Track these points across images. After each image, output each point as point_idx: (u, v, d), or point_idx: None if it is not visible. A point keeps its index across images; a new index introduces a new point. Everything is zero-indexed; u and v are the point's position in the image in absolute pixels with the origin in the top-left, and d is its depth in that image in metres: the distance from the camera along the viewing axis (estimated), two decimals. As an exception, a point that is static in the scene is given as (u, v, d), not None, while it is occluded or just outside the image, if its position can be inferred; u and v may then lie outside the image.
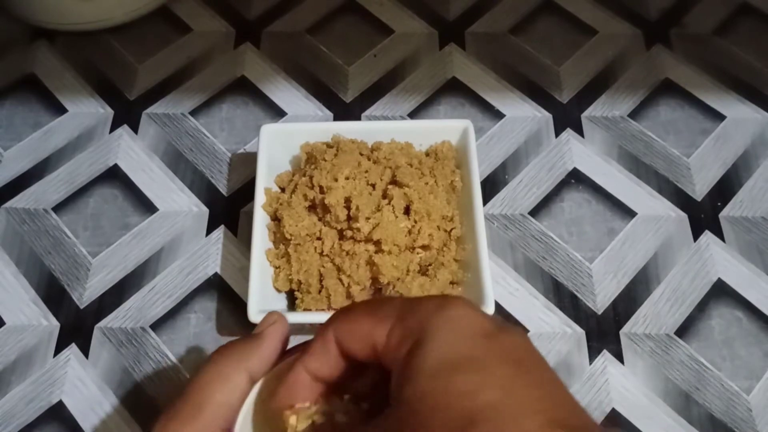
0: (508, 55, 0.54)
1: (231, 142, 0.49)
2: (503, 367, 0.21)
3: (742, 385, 0.40)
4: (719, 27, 0.55)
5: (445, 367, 0.20)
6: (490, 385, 0.20)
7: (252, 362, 0.26)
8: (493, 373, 0.20)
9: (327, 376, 0.25)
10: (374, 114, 0.50)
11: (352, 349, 0.24)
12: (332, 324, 0.24)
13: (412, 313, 0.23)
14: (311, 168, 0.41)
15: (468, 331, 0.22)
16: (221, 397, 0.25)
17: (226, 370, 0.25)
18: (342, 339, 0.24)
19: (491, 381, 0.20)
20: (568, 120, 0.50)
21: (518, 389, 0.20)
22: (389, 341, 0.22)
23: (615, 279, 0.43)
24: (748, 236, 0.45)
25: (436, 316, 0.22)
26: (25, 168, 0.48)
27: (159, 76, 0.53)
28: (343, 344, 0.24)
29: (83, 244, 0.45)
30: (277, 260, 0.40)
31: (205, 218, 0.46)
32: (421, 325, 0.22)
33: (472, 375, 0.20)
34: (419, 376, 0.21)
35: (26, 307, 0.42)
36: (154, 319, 0.42)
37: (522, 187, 0.47)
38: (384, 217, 0.38)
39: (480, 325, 0.22)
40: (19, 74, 0.53)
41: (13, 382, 0.40)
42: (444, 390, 0.20)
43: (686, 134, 0.49)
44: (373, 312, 0.24)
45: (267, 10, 0.56)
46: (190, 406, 0.24)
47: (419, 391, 0.20)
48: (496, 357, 0.21)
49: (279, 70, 0.53)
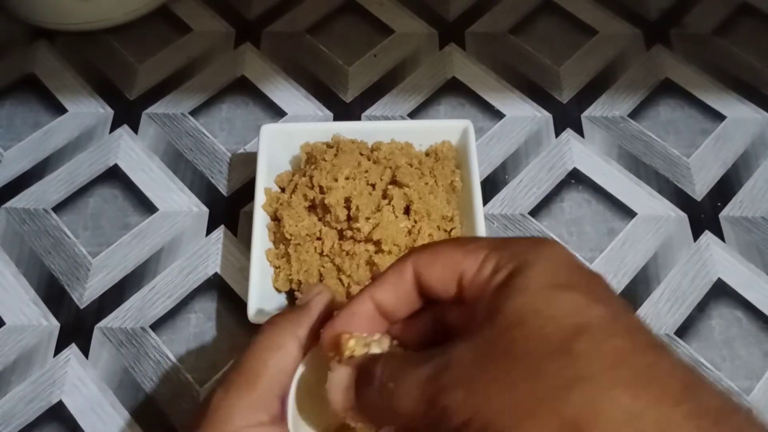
0: (508, 55, 0.54)
1: (231, 142, 0.49)
2: (608, 293, 0.21)
3: (742, 385, 0.40)
4: (719, 27, 0.55)
5: (550, 287, 0.20)
6: (597, 304, 0.20)
7: (302, 330, 0.26)
8: (600, 296, 0.20)
9: (391, 311, 0.24)
10: (374, 114, 0.50)
11: (433, 279, 0.23)
12: (412, 255, 0.24)
13: (506, 246, 0.22)
14: (311, 168, 0.41)
15: (567, 262, 0.22)
16: (275, 365, 0.25)
17: (278, 339, 0.25)
18: (424, 269, 0.23)
19: (598, 301, 0.20)
20: (568, 120, 0.50)
21: (625, 311, 0.20)
22: (482, 270, 0.22)
23: (615, 279, 0.43)
24: (748, 236, 0.45)
25: (535, 249, 0.22)
26: (25, 168, 0.48)
27: (159, 76, 0.53)
28: (423, 275, 0.23)
29: (83, 244, 0.45)
30: (277, 260, 0.40)
31: (205, 218, 0.46)
32: (519, 255, 0.22)
33: (579, 295, 0.20)
34: (521, 294, 0.20)
35: (26, 307, 0.42)
36: (154, 319, 0.42)
37: (522, 187, 0.47)
38: (384, 217, 0.38)
39: (576, 260, 0.22)
40: (19, 74, 0.53)
41: (13, 382, 0.40)
42: (549, 304, 0.20)
43: (686, 134, 0.49)
44: (462, 244, 0.23)
45: (267, 10, 0.56)
46: (247, 376, 0.25)
47: (520, 307, 0.20)
48: (599, 285, 0.21)
49: (279, 70, 0.53)
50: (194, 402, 0.39)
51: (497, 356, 0.19)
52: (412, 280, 0.24)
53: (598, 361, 0.18)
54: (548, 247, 0.22)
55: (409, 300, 0.24)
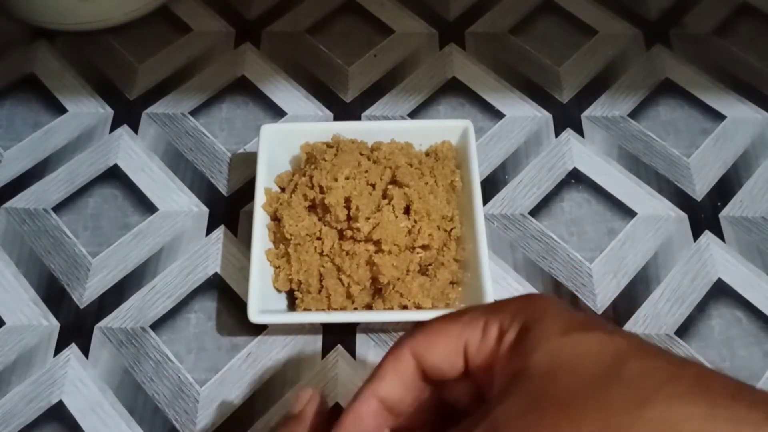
0: (508, 55, 0.54)
1: (231, 142, 0.49)
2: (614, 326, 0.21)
3: (742, 385, 0.40)
4: (719, 27, 0.55)
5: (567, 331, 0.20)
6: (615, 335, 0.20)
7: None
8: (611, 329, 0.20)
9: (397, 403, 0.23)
10: (374, 114, 0.50)
11: (437, 359, 0.22)
12: (407, 340, 0.23)
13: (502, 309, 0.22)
14: (311, 168, 0.41)
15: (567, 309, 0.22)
16: None
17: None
18: (425, 352, 0.23)
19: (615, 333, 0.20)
20: (568, 120, 0.50)
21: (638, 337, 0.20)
22: (486, 336, 0.22)
23: (615, 279, 0.43)
24: (748, 236, 0.45)
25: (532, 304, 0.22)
26: (25, 168, 0.48)
27: (159, 76, 0.53)
28: (425, 358, 0.23)
29: (83, 244, 0.45)
30: (277, 260, 0.40)
31: (205, 218, 0.46)
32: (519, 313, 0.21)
33: (597, 331, 0.20)
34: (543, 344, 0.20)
35: (26, 307, 0.42)
36: (154, 319, 0.42)
37: (522, 187, 0.47)
38: (384, 217, 0.38)
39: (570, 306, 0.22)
40: (19, 74, 0.53)
41: (13, 382, 0.40)
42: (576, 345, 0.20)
43: (686, 134, 0.49)
44: (456, 318, 0.23)
45: (267, 10, 0.56)
46: None
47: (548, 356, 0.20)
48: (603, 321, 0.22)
49: (279, 70, 0.53)
50: (194, 402, 0.39)
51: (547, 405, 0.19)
52: (413, 367, 0.23)
53: (650, 381, 0.18)
54: (544, 300, 0.22)
55: (413, 388, 0.23)
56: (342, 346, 0.41)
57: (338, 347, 0.41)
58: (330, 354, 0.41)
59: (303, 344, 0.41)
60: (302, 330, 0.41)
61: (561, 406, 0.18)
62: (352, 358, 0.40)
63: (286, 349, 0.41)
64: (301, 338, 0.41)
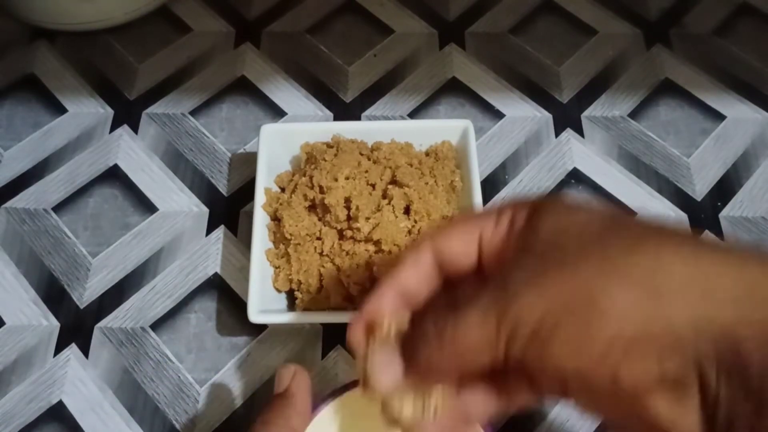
0: (508, 55, 0.54)
1: (231, 142, 0.49)
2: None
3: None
4: (719, 27, 0.55)
5: (574, 208, 0.22)
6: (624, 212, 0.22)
7: (293, 421, 0.27)
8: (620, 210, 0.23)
9: (413, 292, 0.25)
10: (374, 114, 0.50)
11: (453, 248, 0.24)
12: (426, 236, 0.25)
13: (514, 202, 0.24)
14: (311, 168, 0.41)
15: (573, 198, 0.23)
16: None
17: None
18: (442, 243, 0.24)
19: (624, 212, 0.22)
20: (568, 120, 0.50)
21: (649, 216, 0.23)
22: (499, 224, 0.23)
23: (615, 279, 0.43)
24: (748, 236, 0.45)
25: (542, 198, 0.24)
26: (25, 168, 0.48)
27: (159, 76, 0.53)
28: (443, 249, 0.24)
29: (83, 244, 0.45)
30: (277, 260, 0.40)
31: (205, 218, 0.46)
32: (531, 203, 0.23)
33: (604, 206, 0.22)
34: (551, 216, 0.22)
35: (26, 307, 0.42)
36: (154, 319, 0.42)
37: (522, 187, 0.47)
38: (384, 217, 0.38)
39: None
40: (19, 74, 0.53)
41: (13, 382, 0.40)
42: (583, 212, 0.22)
43: (686, 134, 0.49)
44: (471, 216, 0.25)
45: (267, 10, 0.56)
46: None
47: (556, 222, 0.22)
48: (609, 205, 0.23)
49: (279, 70, 0.53)
50: (194, 402, 0.39)
51: (552, 263, 0.21)
52: (431, 259, 0.25)
53: (643, 231, 0.21)
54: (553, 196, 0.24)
55: (429, 279, 0.25)
56: (342, 346, 0.41)
57: (338, 347, 0.41)
58: (330, 354, 0.41)
59: (303, 344, 0.41)
60: (302, 330, 0.41)
61: (564, 261, 0.20)
62: (352, 358, 0.40)
63: (286, 349, 0.41)
64: (301, 338, 0.41)
